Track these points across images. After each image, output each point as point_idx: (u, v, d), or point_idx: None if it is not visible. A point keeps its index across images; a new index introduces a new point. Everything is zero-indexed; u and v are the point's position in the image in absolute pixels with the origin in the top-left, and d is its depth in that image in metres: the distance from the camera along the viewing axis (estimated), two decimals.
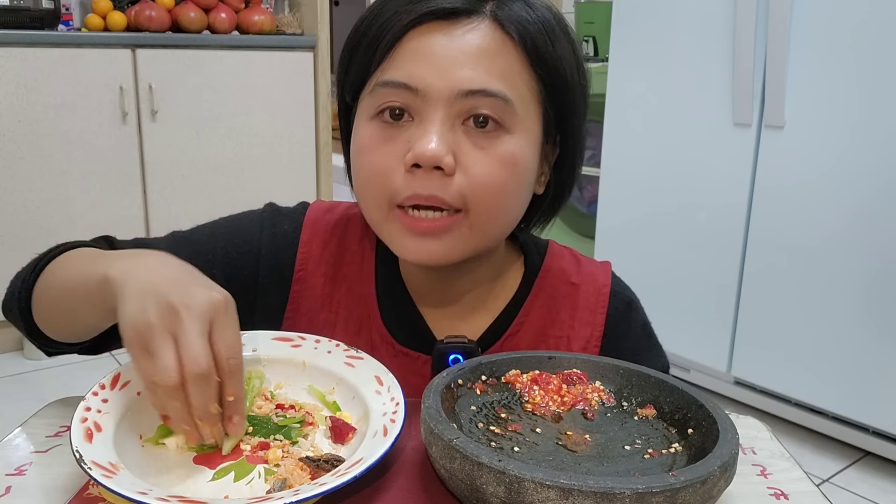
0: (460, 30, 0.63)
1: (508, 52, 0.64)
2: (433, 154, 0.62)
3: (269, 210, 0.80)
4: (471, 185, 0.64)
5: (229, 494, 0.52)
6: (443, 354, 0.71)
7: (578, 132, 0.71)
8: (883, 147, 1.74)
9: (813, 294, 1.92)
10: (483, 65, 0.63)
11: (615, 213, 2.38)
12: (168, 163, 2.67)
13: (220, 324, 0.54)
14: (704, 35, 2.04)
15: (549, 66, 0.66)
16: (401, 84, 0.63)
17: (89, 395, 0.57)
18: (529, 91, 0.65)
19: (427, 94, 0.63)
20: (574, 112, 0.69)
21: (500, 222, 0.68)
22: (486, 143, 0.64)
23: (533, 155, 0.67)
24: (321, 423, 0.61)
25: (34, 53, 2.38)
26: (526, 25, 0.64)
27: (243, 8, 2.91)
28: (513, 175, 0.65)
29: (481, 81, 0.63)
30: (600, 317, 0.77)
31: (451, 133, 0.64)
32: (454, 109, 0.63)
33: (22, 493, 0.54)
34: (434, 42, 0.63)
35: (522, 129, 0.65)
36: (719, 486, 0.48)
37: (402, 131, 0.65)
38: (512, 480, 0.45)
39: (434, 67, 0.63)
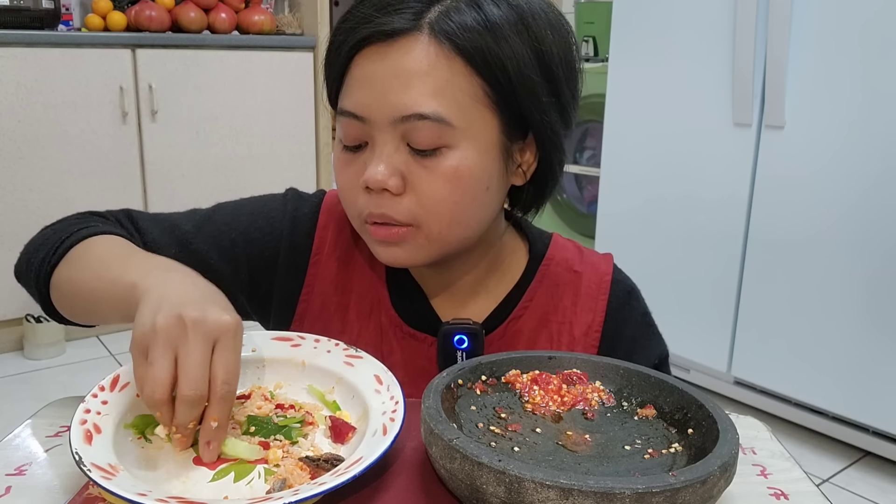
0: (397, 52, 0.65)
1: (446, 65, 0.65)
2: (376, 180, 0.66)
3: (291, 194, 0.83)
4: (420, 203, 0.67)
5: (229, 495, 0.52)
6: (448, 335, 0.74)
7: (548, 125, 0.70)
8: (883, 147, 1.74)
9: (813, 294, 1.92)
10: (417, 87, 0.64)
11: (615, 214, 2.38)
12: (168, 163, 2.67)
13: (224, 346, 0.56)
14: (704, 35, 2.04)
15: (493, 70, 0.65)
16: (350, 113, 0.67)
17: (89, 397, 0.57)
18: (473, 99, 0.66)
19: (371, 120, 0.66)
20: (536, 108, 0.68)
21: (457, 230, 0.70)
22: (429, 163, 0.66)
23: (486, 161, 0.68)
24: (321, 422, 0.61)
25: (34, 53, 2.38)
26: (465, 34, 0.64)
27: (243, 8, 2.91)
28: (458, 188, 0.67)
29: (414, 105, 0.64)
30: (601, 303, 0.79)
31: (398, 155, 0.66)
32: (398, 132, 0.66)
33: (22, 493, 0.54)
34: (374, 68, 0.66)
35: (467, 139, 0.66)
36: (719, 486, 0.48)
37: (360, 155, 0.69)
38: (512, 480, 0.45)
39: (374, 94, 0.66)
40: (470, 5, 0.65)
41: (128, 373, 0.61)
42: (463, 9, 0.65)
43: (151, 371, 0.53)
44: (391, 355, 0.77)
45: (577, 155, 2.87)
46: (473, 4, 0.66)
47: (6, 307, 2.46)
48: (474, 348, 0.75)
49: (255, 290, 0.80)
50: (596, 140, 2.62)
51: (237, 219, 0.80)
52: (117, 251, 0.70)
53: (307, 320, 0.80)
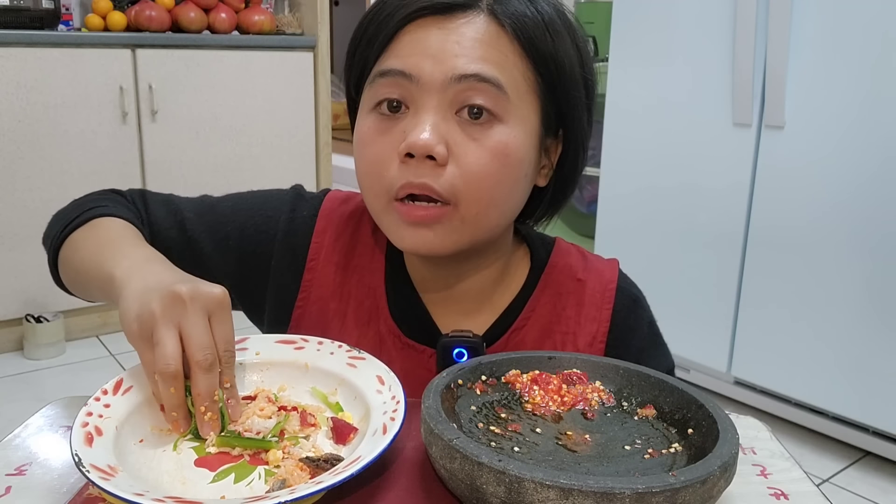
0: (455, 23, 0.65)
1: (504, 43, 0.65)
2: (424, 143, 0.63)
3: (293, 193, 0.82)
4: (463, 176, 0.65)
5: (229, 496, 0.52)
6: (447, 348, 0.72)
7: (580, 126, 0.71)
8: (882, 147, 1.74)
9: (813, 294, 1.92)
10: (477, 52, 0.64)
11: (615, 213, 2.38)
12: (168, 163, 2.67)
13: (219, 319, 0.59)
14: (704, 35, 2.04)
15: (546, 59, 0.66)
16: (397, 72, 0.65)
17: (91, 401, 0.57)
18: (525, 81, 0.66)
19: (421, 80, 0.64)
20: (574, 106, 0.70)
21: (493, 213, 0.68)
22: (478, 134, 0.65)
23: (528, 146, 0.67)
24: (323, 424, 0.61)
25: (34, 53, 2.38)
26: (523, 19, 0.65)
27: (243, 8, 2.91)
28: (504, 166, 0.65)
29: (475, 66, 0.63)
30: (606, 313, 0.77)
31: (445, 123, 0.65)
32: (447, 97, 0.64)
33: (22, 493, 0.54)
34: (430, 34, 0.65)
35: (517, 118, 0.66)
36: (719, 486, 0.48)
37: (398, 122, 0.66)
38: (512, 480, 0.45)
39: (429, 56, 0.64)
40: None
41: (131, 376, 0.61)
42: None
43: (160, 348, 0.55)
44: (390, 365, 0.75)
45: None
46: None
47: (6, 307, 2.46)
48: None
49: (245, 286, 0.79)
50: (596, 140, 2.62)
51: (237, 212, 0.80)
52: (112, 235, 0.71)
53: (304, 326, 0.78)
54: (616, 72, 2.31)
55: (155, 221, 0.78)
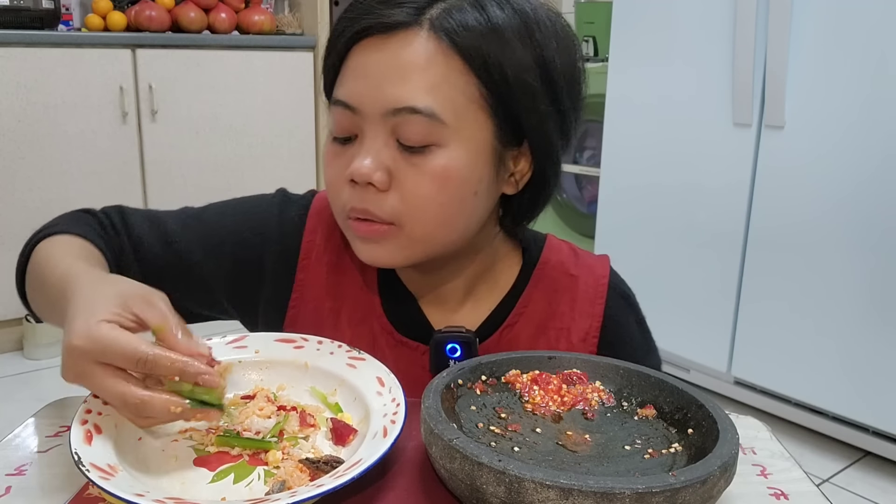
0: (396, 44, 0.65)
1: (444, 62, 0.64)
2: (361, 173, 0.65)
3: (279, 196, 0.82)
4: (403, 202, 0.66)
5: (228, 496, 0.52)
6: (440, 344, 0.73)
7: (542, 135, 0.69)
8: (882, 147, 1.74)
9: (813, 294, 1.92)
10: (412, 80, 0.64)
11: (615, 213, 2.38)
12: (168, 163, 2.67)
13: (137, 305, 0.55)
14: (704, 35, 2.04)
15: (491, 73, 0.65)
16: (342, 103, 0.67)
17: (90, 398, 0.57)
18: (469, 99, 0.65)
19: (362, 111, 0.66)
20: (533, 115, 0.67)
21: (443, 231, 0.68)
22: (417, 160, 0.65)
23: (474, 164, 0.67)
24: (322, 424, 0.61)
25: (34, 53, 2.38)
26: (467, 32, 0.64)
27: (243, 8, 2.91)
28: (445, 189, 0.66)
29: (408, 98, 0.64)
30: (599, 308, 0.78)
31: (387, 150, 0.65)
32: (387, 126, 0.65)
33: (22, 493, 0.54)
34: (370, 59, 0.66)
35: (459, 140, 0.65)
36: (719, 486, 0.48)
37: (349, 148, 0.68)
38: (512, 480, 0.45)
39: (368, 85, 0.65)
40: (473, 6, 0.65)
41: None
42: (466, 8, 0.65)
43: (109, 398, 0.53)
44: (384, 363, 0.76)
45: (577, 155, 2.87)
46: (477, 5, 0.65)
47: (6, 307, 2.46)
48: (468, 358, 0.71)
49: (238, 291, 0.79)
50: (596, 140, 2.62)
51: (225, 218, 0.79)
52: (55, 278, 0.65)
53: (298, 326, 0.78)
54: (616, 72, 2.31)
55: (138, 236, 0.76)
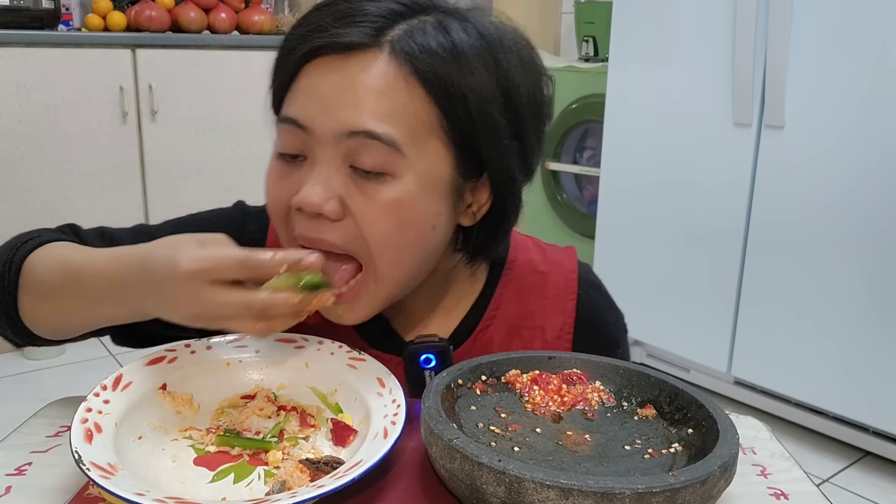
0: (353, 66, 0.61)
1: (403, 87, 0.60)
2: (312, 202, 0.60)
3: (237, 210, 0.79)
4: (357, 236, 0.62)
5: (228, 496, 0.52)
6: (413, 356, 0.70)
7: (501, 166, 0.65)
8: (883, 147, 1.74)
9: (813, 294, 1.92)
10: (369, 104, 0.60)
11: (615, 213, 2.38)
12: (168, 163, 2.67)
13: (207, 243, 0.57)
14: (704, 35, 2.04)
15: (454, 100, 0.61)
16: (293, 121, 0.62)
17: (91, 396, 0.57)
18: (428, 129, 0.62)
19: (314, 132, 0.61)
20: (493, 146, 0.64)
21: (398, 270, 0.64)
22: (370, 190, 0.61)
23: (430, 198, 0.63)
24: (322, 425, 0.61)
25: (34, 53, 2.38)
26: (428, 58, 0.60)
27: (243, 8, 2.91)
28: (399, 222, 0.62)
29: (364, 122, 0.60)
30: (570, 304, 0.76)
31: (338, 176, 0.61)
32: (341, 150, 0.61)
33: (22, 493, 0.54)
34: (325, 79, 0.61)
35: (414, 171, 0.61)
36: (719, 486, 0.48)
37: (297, 169, 0.63)
38: (512, 480, 0.45)
39: (321, 106, 0.61)
40: (437, 28, 0.61)
41: (130, 372, 0.61)
42: (429, 31, 0.61)
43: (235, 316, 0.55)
44: None
45: (577, 155, 2.87)
46: (441, 28, 0.61)
47: None
48: (443, 367, 0.69)
49: None
50: (596, 140, 2.62)
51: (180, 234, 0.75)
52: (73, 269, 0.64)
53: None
54: (616, 72, 2.31)
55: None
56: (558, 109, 2.80)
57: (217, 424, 0.61)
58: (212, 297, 0.54)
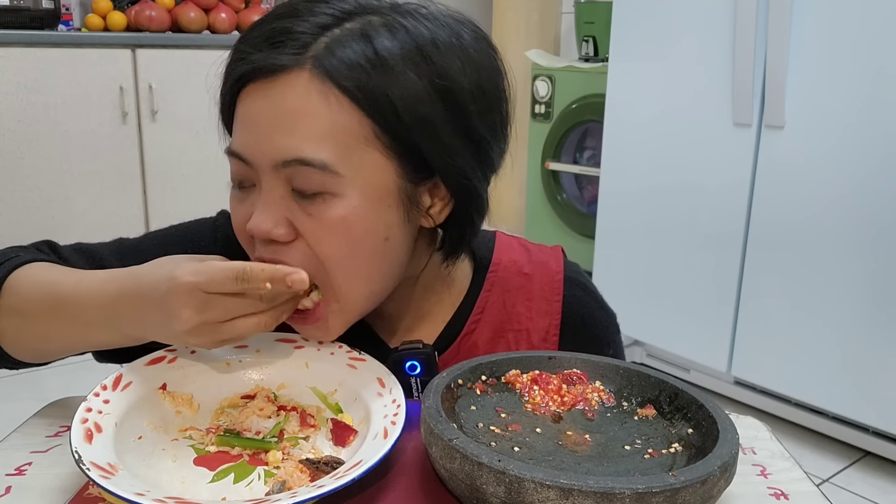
0: (279, 89, 0.60)
1: (330, 104, 0.59)
2: (261, 230, 0.61)
3: (221, 218, 0.78)
4: (310, 258, 0.62)
5: (228, 496, 0.52)
6: (398, 363, 0.69)
7: (449, 165, 0.63)
8: (883, 147, 1.74)
9: (813, 294, 1.92)
10: (299, 129, 0.59)
11: (615, 213, 2.38)
12: (168, 163, 2.67)
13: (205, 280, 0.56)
14: (704, 35, 2.04)
15: (382, 109, 0.60)
16: (236, 154, 0.63)
17: (91, 396, 0.57)
18: (363, 142, 0.60)
19: (254, 163, 0.61)
20: (434, 147, 0.62)
21: (359, 285, 0.64)
22: (314, 210, 0.61)
23: (376, 210, 0.62)
24: (322, 425, 0.61)
25: (34, 53, 2.38)
26: (349, 71, 0.59)
27: (243, 8, 2.91)
28: (348, 240, 0.61)
29: (295, 149, 0.59)
30: (556, 305, 0.75)
31: (284, 201, 0.61)
32: (282, 177, 0.61)
33: (22, 493, 0.54)
34: (256, 107, 0.61)
35: (356, 188, 0.61)
36: (719, 486, 0.48)
37: (248, 195, 0.64)
38: (512, 480, 0.45)
39: (257, 136, 0.61)
40: (360, 37, 0.60)
41: (130, 372, 0.61)
42: (350, 42, 0.60)
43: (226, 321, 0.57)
44: None
45: (577, 155, 2.87)
46: (363, 37, 0.60)
47: None
48: (428, 373, 0.69)
49: None
50: (595, 140, 2.62)
51: (163, 247, 0.73)
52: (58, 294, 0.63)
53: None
54: (616, 71, 2.31)
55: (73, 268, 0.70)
56: (558, 109, 2.81)
57: (217, 424, 0.61)
58: (217, 301, 0.56)
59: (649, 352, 2.35)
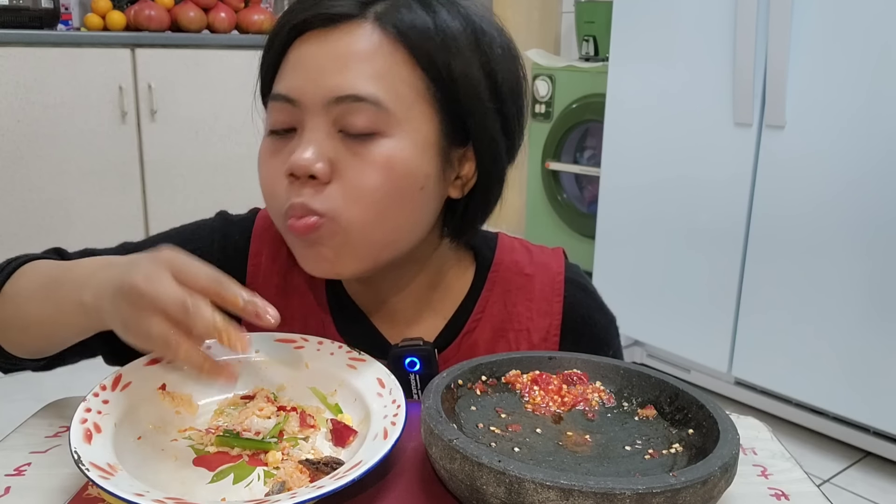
0: (338, 35, 0.63)
1: (389, 53, 0.63)
2: (302, 164, 0.62)
3: (219, 220, 0.79)
4: (344, 192, 0.63)
5: (228, 497, 0.52)
6: (398, 359, 0.70)
7: (488, 138, 0.67)
8: (883, 147, 1.74)
9: (814, 294, 1.92)
10: (355, 68, 0.62)
11: (615, 213, 2.38)
12: (168, 163, 2.67)
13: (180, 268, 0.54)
14: (705, 35, 2.04)
15: (439, 71, 0.64)
16: (283, 97, 0.64)
17: (90, 396, 0.57)
18: (414, 92, 0.64)
19: (303, 103, 0.63)
20: (479, 114, 0.66)
21: (384, 228, 0.65)
22: (361, 149, 0.63)
23: (420, 158, 0.64)
24: (322, 425, 0.61)
25: (33, 53, 2.38)
26: (413, 25, 0.63)
27: (243, 7, 2.91)
28: (389, 179, 0.63)
29: (350, 86, 0.62)
30: (557, 306, 0.76)
31: (329, 141, 0.63)
32: (330, 117, 0.63)
33: (21, 494, 0.54)
34: (311, 52, 0.64)
35: (404, 131, 0.63)
36: (720, 486, 0.48)
37: (288, 143, 0.65)
38: (512, 481, 0.45)
39: (308, 76, 0.63)
40: (422, 6, 0.64)
41: (130, 372, 0.61)
42: (413, 7, 0.64)
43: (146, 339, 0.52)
44: None
45: (578, 155, 2.87)
46: (425, 6, 0.64)
47: None
48: (428, 370, 0.70)
49: None
50: (596, 140, 2.62)
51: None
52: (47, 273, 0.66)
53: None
54: (616, 71, 2.31)
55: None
56: (558, 109, 2.81)
57: (217, 425, 0.61)
58: (160, 278, 0.53)
59: (650, 352, 2.35)
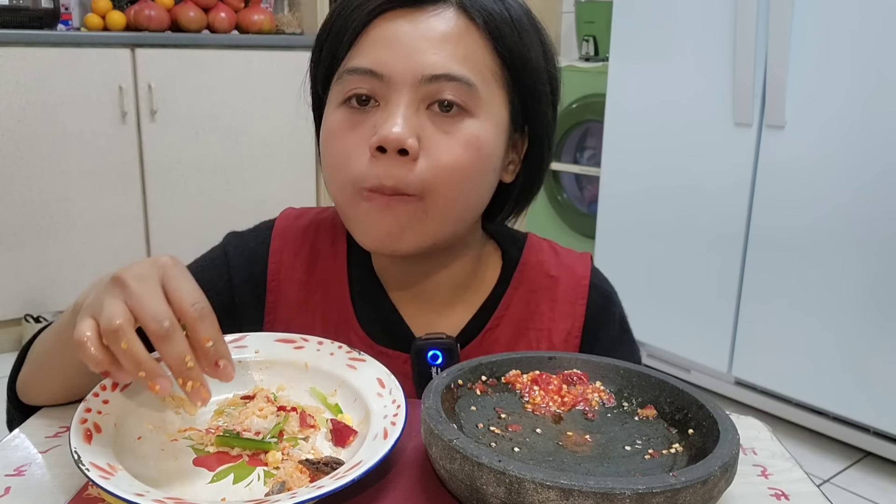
0: (424, 16, 0.65)
1: (472, 37, 0.65)
2: (396, 137, 0.62)
3: (229, 238, 0.80)
4: (433, 169, 0.64)
5: (228, 497, 0.52)
6: (421, 351, 0.71)
7: (545, 121, 0.72)
8: (883, 147, 1.74)
9: (814, 294, 1.92)
10: (446, 49, 0.64)
11: (615, 213, 2.38)
12: (167, 163, 2.67)
13: (172, 277, 0.53)
14: (705, 35, 2.04)
15: (513, 54, 0.67)
16: (366, 70, 0.65)
17: (90, 397, 0.57)
18: (493, 76, 0.67)
19: (392, 79, 0.64)
20: (539, 101, 0.70)
21: (459, 206, 0.67)
22: (449, 127, 0.65)
23: (498, 139, 0.68)
24: (322, 425, 0.61)
25: (33, 53, 2.37)
26: (492, 13, 0.66)
27: (243, 7, 2.91)
28: (476, 158, 0.65)
29: (444, 66, 0.64)
30: (580, 308, 0.77)
31: (416, 117, 0.64)
32: (419, 94, 0.64)
33: (21, 494, 0.54)
34: (398, 29, 0.65)
35: (487, 112, 0.66)
36: (720, 486, 0.48)
37: (369, 116, 0.65)
38: (512, 481, 0.45)
39: (398, 53, 0.64)
40: None
41: None
42: None
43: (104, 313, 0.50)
44: None
45: (578, 155, 2.87)
46: None
47: (6, 307, 2.46)
48: (450, 364, 0.70)
49: None
50: (596, 140, 2.62)
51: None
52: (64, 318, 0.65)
53: None
54: (616, 71, 2.31)
55: None
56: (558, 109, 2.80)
57: (216, 425, 0.61)
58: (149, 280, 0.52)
59: (650, 352, 2.36)
